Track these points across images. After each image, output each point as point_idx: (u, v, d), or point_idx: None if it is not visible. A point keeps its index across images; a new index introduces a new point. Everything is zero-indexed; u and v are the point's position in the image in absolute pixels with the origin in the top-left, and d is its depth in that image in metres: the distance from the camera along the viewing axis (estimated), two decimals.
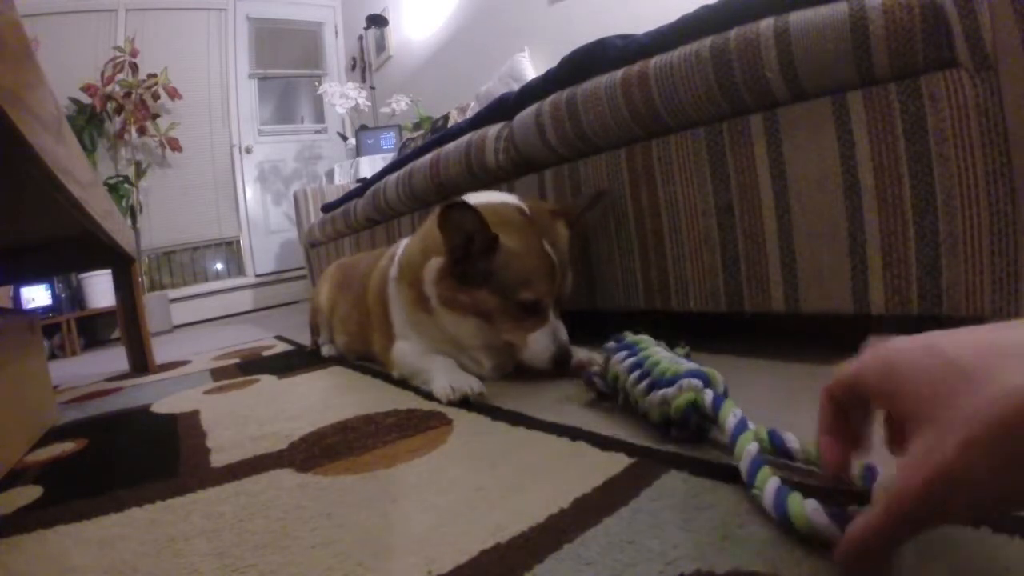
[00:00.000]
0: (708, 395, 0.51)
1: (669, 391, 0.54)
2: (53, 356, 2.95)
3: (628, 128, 0.90)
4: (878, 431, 0.35)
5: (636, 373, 0.60)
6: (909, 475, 0.26)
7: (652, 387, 0.57)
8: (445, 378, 0.82)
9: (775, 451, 0.47)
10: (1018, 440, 0.23)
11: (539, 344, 0.82)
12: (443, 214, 0.76)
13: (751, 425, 0.47)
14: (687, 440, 0.54)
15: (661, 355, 0.60)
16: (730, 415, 0.48)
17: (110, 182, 3.44)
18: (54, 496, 0.65)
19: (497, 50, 2.80)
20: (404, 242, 1.05)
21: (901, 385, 0.28)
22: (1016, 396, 0.23)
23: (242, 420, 0.88)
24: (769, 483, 0.40)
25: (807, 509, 0.36)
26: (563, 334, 0.83)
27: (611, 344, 0.68)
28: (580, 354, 0.84)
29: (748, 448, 0.44)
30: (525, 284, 0.80)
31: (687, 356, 0.64)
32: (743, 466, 0.43)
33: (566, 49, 1.04)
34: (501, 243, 0.79)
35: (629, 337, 0.67)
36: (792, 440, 0.47)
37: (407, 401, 0.85)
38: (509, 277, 0.80)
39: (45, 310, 3.09)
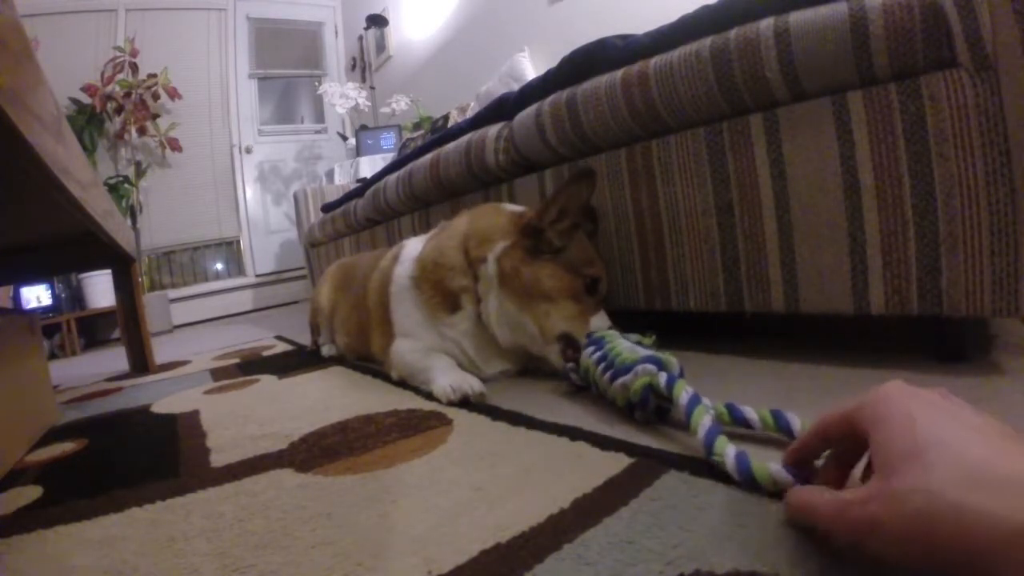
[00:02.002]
0: (662, 377, 0.56)
1: (627, 377, 0.60)
2: (53, 356, 2.95)
3: (628, 128, 0.90)
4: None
5: (602, 365, 0.66)
6: (855, 506, 0.30)
7: (615, 376, 0.63)
8: (445, 378, 0.82)
9: (734, 422, 0.53)
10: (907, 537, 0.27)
11: (603, 324, 0.81)
12: (574, 177, 0.83)
13: (706, 401, 0.52)
14: (650, 421, 0.60)
15: (622, 347, 0.66)
16: (683, 393, 0.53)
17: (110, 182, 3.44)
18: (54, 496, 0.65)
19: (497, 50, 2.80)
20: (410, 242, 1.04)
21: (877, 428, 0.32)
22: (914, 501, 0.26)
23: (242, 420, 0.88)
24: (728, 449, 0.45)
25: (770, 468, 0.41)
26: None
27: (583, 341, 0.75)
28: None
29: (703, 421, 0.48)
30: (591, 262, 0.85)
31: (653, 345, 0.69)
32: (700, 436, 0.47)
33: (566, 49, 1.04)
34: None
35: (598, 333, 0.73)
36: (750, 411, 0.52)
37: (407, 401, 0.85)
38: (578, 255, 0.84)
39: (45, 310, 3.09)
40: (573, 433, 0.60)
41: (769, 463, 0.41)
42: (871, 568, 0.33)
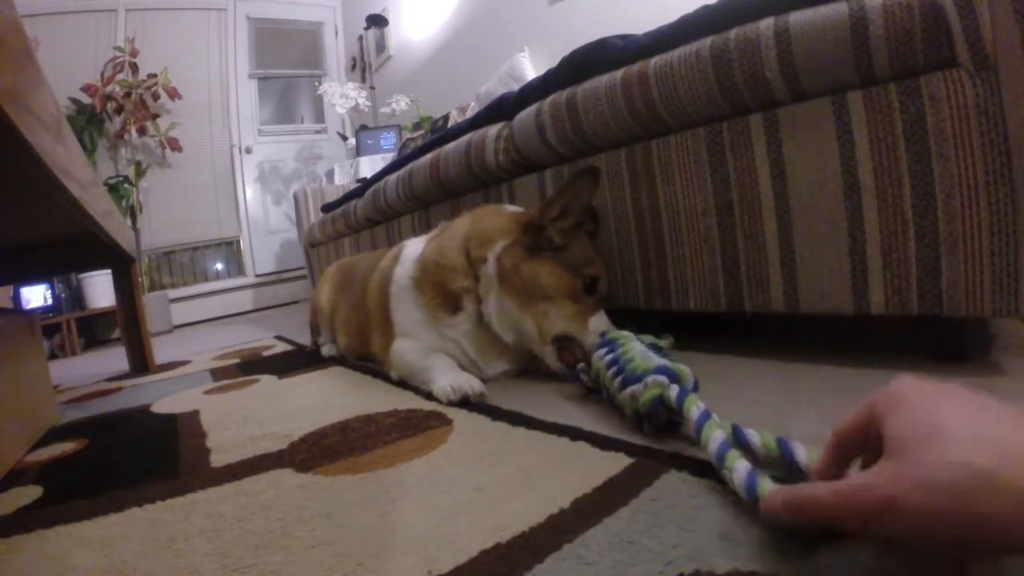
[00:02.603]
0: (674, 390, 0.54)
1: (637, 387, 0.57)
2: (53, 356, 2.94)
3: (628, 128, 0.90)
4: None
5: (613, 370, 0.64)
6: (866, 490, 0.29)
7: (625, 383, 0.60)
8: (445, 378, 0.82)
9: (737, 444, 0.50)
10: (929, 513, 0.26)
11: (602, 326, 0.79)
12: (578, 174, 0.83)
13: (715, 417, 0.50)
14: (658, 433, 0.57)
15: (636, 351, 0.63)
16: (693, 407, 0.51)
17: (110, 182, 3.44)
18: (54, 496, 0.65)
19: (497, 50, 2.80)
20: (411, 243, 1.04)
21: (892, 414, 0.31)
22: (940, 478, 0.26)
23: (242, 420, 0.88)
24: (738, 464, 0.42)
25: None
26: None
27: (581, 341, 0.74)
28: None
29: (714, 435, 0.46)
30: (590, 262, 0.84)
31: (670, 348, 0.68)
32: (711, 450, 0.45)
33: (566, 49, 1.04)
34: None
35: (611, 334, 0.70)
36: (754, 435, 0.49)
37: (407, 401, 0.85)
38: (578, 254, 0.84)
39: (45, 310, 3.09)
40: (573, 433, 0.60)
41: (779, 486, 0.38)
42: (871, 568, 0.33)
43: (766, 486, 0.39)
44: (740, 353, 0.85)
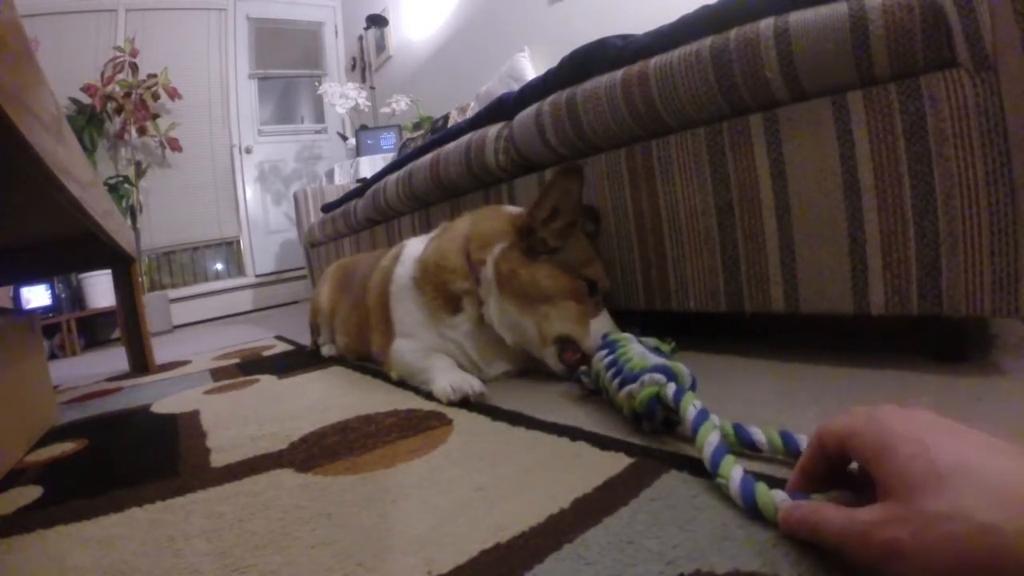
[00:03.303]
0: (671, 388, 0.53)
1: (634, 386, 0.57)
2: (53, 356, 2.95)
3: (628, 128, 0.90)
4: None
5: (612, 371, 0.64)
6: (873, 529, 0.29)
7: (623, 383, 0.60)
8: (445, 378, 0.82)
9: (741, 445, 0.50)
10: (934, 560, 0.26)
11: (605, 328, 0.78)
12: (561, 173, 0.80)
13: (715, 418, 0.49)
14: (657, 433, 0.57)
15: (634, 352, 0.63)
16: (690, 407, 0.50)
17: (110, 182, 3.44)
18: (54, 496, 0.65)
19: (497, 50, 2.80)
20: (411, 242, 1.04)
21: (884, 456, 0.31)
22: (952, 528, 0.26)
23: (242, 420, 0.88)
24: (733, 472, 0.42)
25: (775, 499, 0.38)
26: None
27: (584, 343, 0.74)
28: None
29: (709, 439, 0.46)
30: (589, 261, 0.83)
31: (672, 352, 0.67)
32: (706, 455, 0.45)
33: (566, 49, 1.04)
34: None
35: (612, 336, 0.70)
36: (758, 433, 0.49)
37: (407, 401, 0.85)
38: (575, 254, 0.83)
39: (45, 310, 3.09)
40: (573, 433, 0.60)
41: (776, 491, 0.39)
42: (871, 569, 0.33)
43: (763, 493, 0.39)
44: (740, 353, 0.85)
